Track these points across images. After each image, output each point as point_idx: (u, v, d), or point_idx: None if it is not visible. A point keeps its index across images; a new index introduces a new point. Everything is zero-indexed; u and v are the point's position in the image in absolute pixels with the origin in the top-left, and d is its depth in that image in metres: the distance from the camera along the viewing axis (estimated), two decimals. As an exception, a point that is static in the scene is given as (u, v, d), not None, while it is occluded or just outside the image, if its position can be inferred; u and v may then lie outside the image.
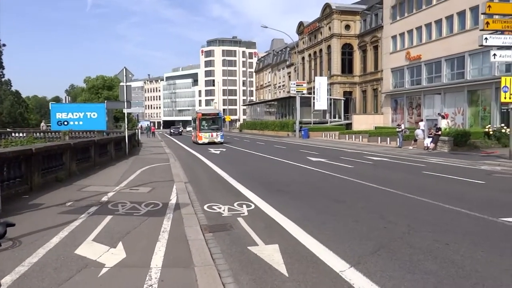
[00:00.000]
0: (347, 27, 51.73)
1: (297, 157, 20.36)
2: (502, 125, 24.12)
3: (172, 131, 67.29)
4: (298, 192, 10.67)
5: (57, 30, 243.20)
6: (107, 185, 11.16)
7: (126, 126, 22.54)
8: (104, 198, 9.14)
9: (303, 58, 62.15)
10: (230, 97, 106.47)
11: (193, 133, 38.64)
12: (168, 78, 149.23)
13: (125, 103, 20.06)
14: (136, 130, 35.07)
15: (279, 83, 75.75)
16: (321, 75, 52.57)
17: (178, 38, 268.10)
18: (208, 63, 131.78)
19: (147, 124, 67.23)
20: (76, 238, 6.01)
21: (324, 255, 5.53)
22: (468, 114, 33.35)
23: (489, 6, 15.82)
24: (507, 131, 20.33)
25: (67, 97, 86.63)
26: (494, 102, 29.69)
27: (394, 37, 42.82)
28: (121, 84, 20.51)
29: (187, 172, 15.19)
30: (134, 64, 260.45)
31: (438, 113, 31.78)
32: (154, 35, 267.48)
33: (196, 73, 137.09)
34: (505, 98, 16.09)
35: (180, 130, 68.85)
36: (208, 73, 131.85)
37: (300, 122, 45.56)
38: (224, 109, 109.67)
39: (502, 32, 16.14)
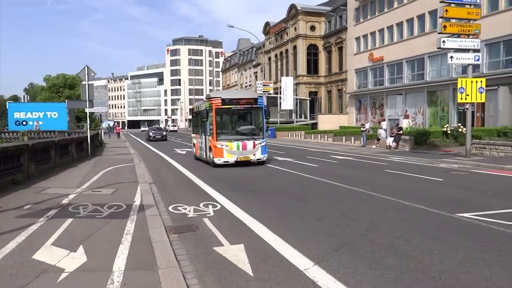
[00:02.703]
0: (313, 28, 52.44)
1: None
2: (459, 124, 25.16)
3: (151, 134, 41.91)
4: (264, 192, 10.72)
5: (16, 25, 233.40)
6: (68, 187, 10.81)
7: (88, 126, 21.94)
8: (65, 201, 8.85)
9: (269, 58, 62.48)
10: (196, 97, 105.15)
11: (196, 141, 19.91)
12: (132, 77, 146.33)
13: (87, 102, 19.53)
14: (99, 130, 34.16)
15: (246, 83, 75.81)
16: (287, 75, 53.04)
17: (143, 37, 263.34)
18: (174, 62, 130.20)
19: (109, 124, 64.79)
20: (34, 242, 5.79)
21: (289, 253, 5.58)
22: (428, 114, 34.57)
23: (446, 10, 16.45)
24: (463, 130, 21.21)
25: (26, 96, 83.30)
26: (452, 102, 30.92)
27: (357, 39, 43.81)
28: (83, 83, 19.93)
29: (152, 173, 14.96)
30: (97, 62, 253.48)
31: (405, 109, 32.86)
32: (118, 33, 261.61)
33: (162, 72, 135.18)
34: (461, 98, 16.79)
35: (165, 134, 43.42)
36: (174, 72, 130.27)
37: (267, 122, 45.78)
38: (190, 109, 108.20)
39: (458, 35, 16.82)
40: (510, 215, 7.48)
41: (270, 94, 47.46)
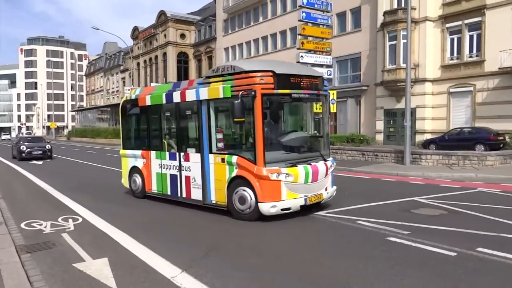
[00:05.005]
0: (183, 36, 52.50)
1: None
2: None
3: (24, 148, 25.10)
4: (132, 202, 10.34)
5: None
6: None
7: None
8: None
9: (138, 64, 60.52)
10: (56, 102, 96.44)
11: (143, 163, 10.51)
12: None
13: None
14: None
15: (113, 88, 72.07)
16: (157, 82, 51.97)
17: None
18: (29, 64, 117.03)
19: None
20: None
21: (157, 263, 5.52)
22: (290, 122, 37.36)
23: (304, 28, 18.10)
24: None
25: None
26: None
27: (226, 49, 45.23)
28: None
29: (0, 186, 13.23)
30: None
31: None
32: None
33: (14, 74, 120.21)
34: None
35: (49, 147, 26.01)
36: (29, 75, 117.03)
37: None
38: (49, 115, 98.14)
39: (314, 51, 18.62)
40: (355, 211, 8.56)
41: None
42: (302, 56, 18.01)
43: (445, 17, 24.29)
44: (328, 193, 8.69)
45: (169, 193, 9.75)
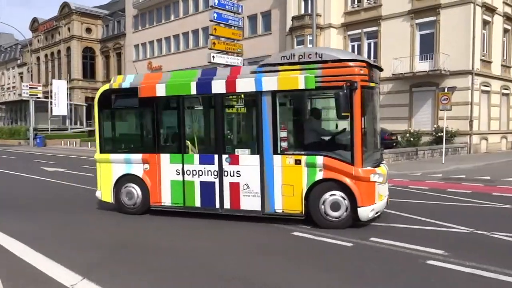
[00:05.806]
0: (89, 30, 49.69)
1: (29, 168, 18.20)
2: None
3: None
4: (29, 207, 9.57)
5: None
6: None
7: None
8: None
9: (38, 58, 55.97)
10: None
11: (143, 169, 8.36)
12: None
13: None
14: None
15: (9, 84, 65.79)
16: (60, 78, 48.57)
17: None
18: None
19: None
20: None
21: (56, 271, 5.20)
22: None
23: (215, 29, 18.20)
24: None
25: None
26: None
27: (136, 46, 43.77)
28: None
29: None
30: None
31: None
32: None
33: None
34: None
35: None
36: None
37: (35, 129, 40.83)
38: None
39: (226, 52, 18.82)
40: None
41: (39, 98, 42.45)
42: (213, 56, 18.09)
43: (347, 25, 26.15)
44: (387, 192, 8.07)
45: (198, 204, 7.98)
